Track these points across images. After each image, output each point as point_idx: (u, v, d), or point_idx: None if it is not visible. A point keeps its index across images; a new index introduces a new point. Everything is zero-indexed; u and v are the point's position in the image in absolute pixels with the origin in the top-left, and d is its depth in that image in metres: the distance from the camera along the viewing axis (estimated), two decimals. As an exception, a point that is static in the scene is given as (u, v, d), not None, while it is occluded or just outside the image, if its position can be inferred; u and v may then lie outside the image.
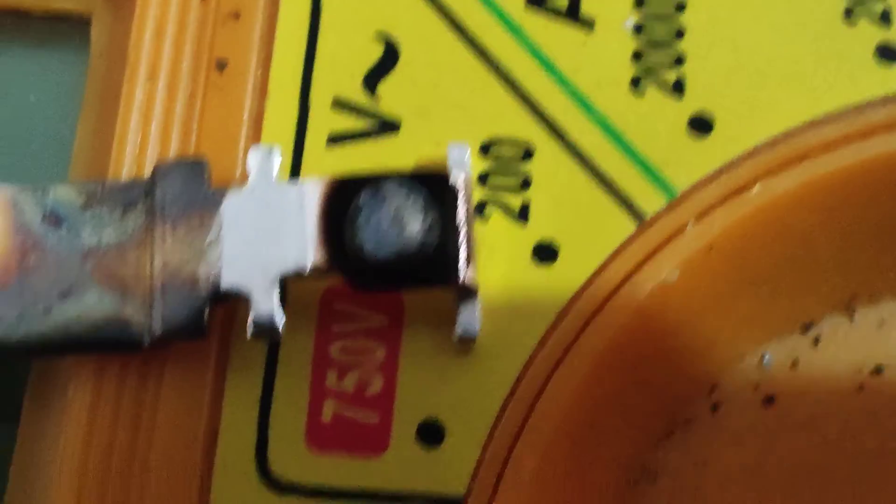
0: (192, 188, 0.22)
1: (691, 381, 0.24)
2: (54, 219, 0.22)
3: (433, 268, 0.21)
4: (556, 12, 0.24)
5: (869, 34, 0.24)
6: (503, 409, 0.22)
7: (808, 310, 0.24)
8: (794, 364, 0.24)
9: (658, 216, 0.23)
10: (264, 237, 0.21)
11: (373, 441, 0.22)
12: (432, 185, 0.22)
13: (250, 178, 0.22)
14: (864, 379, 0.24)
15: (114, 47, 0.25)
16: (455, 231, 0.21)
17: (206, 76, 0.24)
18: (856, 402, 0.24)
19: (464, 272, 0.21)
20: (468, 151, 0.23)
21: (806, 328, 0.24)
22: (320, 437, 0.22)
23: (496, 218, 0.23)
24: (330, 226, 0.21)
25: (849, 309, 0.24)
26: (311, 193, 0.22)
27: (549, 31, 0.24)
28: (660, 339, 0.23)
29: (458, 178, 0.22)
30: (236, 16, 0.24)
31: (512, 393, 0.22)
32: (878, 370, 0.24)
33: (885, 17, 0.24)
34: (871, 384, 0.24)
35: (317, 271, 0.21)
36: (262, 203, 0.22)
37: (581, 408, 0.22)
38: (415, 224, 0.21)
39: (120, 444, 0.22)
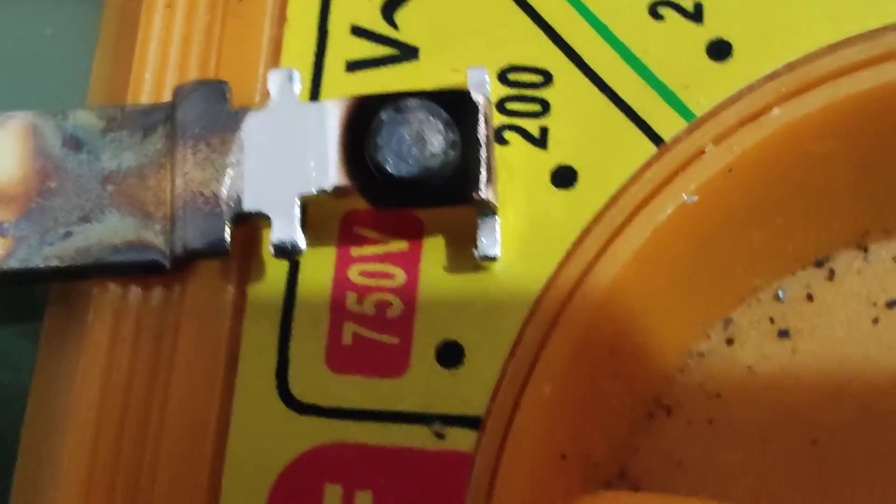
0: (214, 108, 0.22)
1: (706, 314, 0.24)
2: (74, 143, 0.22)
3: (454, 185, 0.21)
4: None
5: None
6: (522, 331, 0.22)
7: (822, 244, 0.25)
8: (809, 298, 0.24)
9: (677, 139, 0.23)
10: (285, 157, 0.22)
11: (393, 362, 0.22)
12: (453, 103, 0.22)
13: (271, 99, 0.22)
14: (879, 312, 0.24)
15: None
16: (476, 149, 0.21)
17: (225, 3, 0.24)
18: (871, 335, 0.24)
19: (484, 189, 0.21)
20: (487, 74, 0.23)
21: (820, 263, 0.25)
22: (340, 358, 0.22)
23: (515, 143, 0.23)
24: (351, 145, 0.21)
25: (862, 244, 0.25)
26: (332, 112, 0.22)
27: (568, -44, 0.24)
28: (677, 264, 0.23)
29: (479, 98, 0.22)
30: None
31: (531, 315, 0.22)
32: (893, 303, 0.24)
33: None
34: (886, 317, 0.24)
35: (338, 191, 0.21)
36: (283, 123, 0.22)
37: (599, 333, 0.23)
38: (436, 141, 0.21)
39: (141, 366, 0.22)
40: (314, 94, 0.23)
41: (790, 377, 0.24)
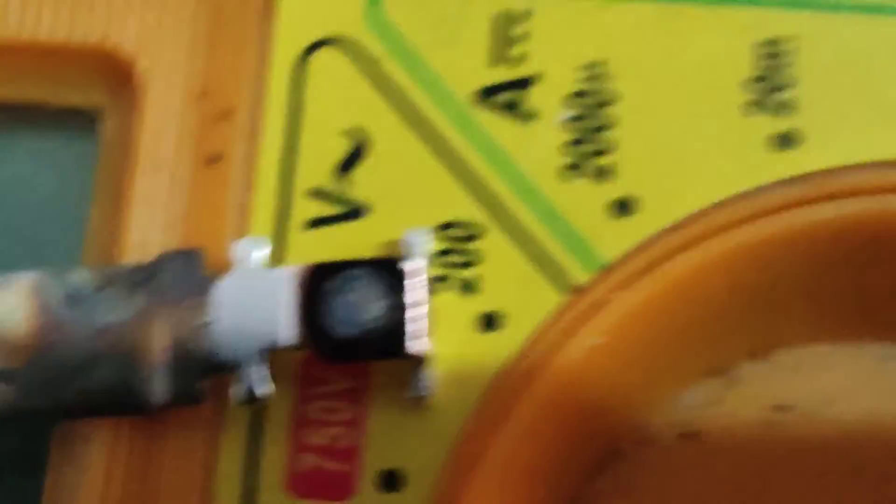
0: (189, 274, 0.26)
1: (620, 423, 0.28)
2: (73, 300, 0.27)
3: (389, 344, 0.25)
4: (501, 108, 0.28)
5: (765, 124, 0.28)
6: (454, 455, 0.26)
7: (722, 358, 0.28)
8: (711, 404, 0.28)
9: (588, 288, 0.27)
10: (250, 318, 0.26)
11: (342, 488, 0.26)
12: (391, 272, 0.26)
13: (238, 267, 0.26)
14: (772, 416, 0.28)
15: (121, 140, 0.29)
16: (410, 311, 0.26)
17: (202, 168, 0.28)
18: (765, 437, 0.28)
19: (415, 347, 0.25)
20: (425, 238, 0.27)
21: (721, 373, 0.29)
22: (299, 485, 0.26)
23: (449, 291, 0.27)
24: (305, 308, 0.26)
25: (758, 355, 0.28)
26: (288, 280, 0.26)
27: (495, 125, 0.28)
28: (591, 391, 0.27)
29: (413, 265, 0.26)
30: (228, 114, 0.29)
31: (461, 442, 0.26)
32: (783, 408, 0.28)
33: (778, 109, 0.28)
34: (777, 420, 0.28)
35: (294, 347, 0.26)
36: (247, 288, 0.26)
37: (525, 452, 0.27)
38: (375, 307, 0.25)
39: (129, 493, 0.26)
40: (277, 251, 0.28)
41: (699, 474, 0.28)
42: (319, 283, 0.25)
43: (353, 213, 0.28)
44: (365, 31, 0.29)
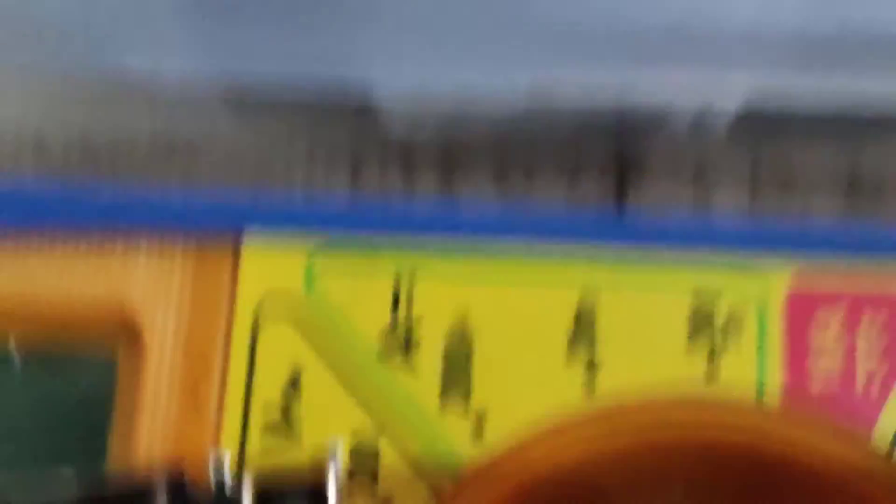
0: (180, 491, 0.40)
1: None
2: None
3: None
4: (397, 349, 0.42)
5: (580, 374, 0.41)
6: None
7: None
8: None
9: (447, 494, 0.41)
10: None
11: None
12: (314, 482, 0.40)
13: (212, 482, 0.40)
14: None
15: (131, 373, 0.43)
16: (330, 508, 0.39)
17: (188, 397, 0.42)
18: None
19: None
20: (339, 448, 0.40)
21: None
22: None
23: (358, 491, 0.41)
24: (257, 509, 0.39)
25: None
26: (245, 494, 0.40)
27: (391, 366, 0.42)
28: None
29: (330, 473, 0.40)
30: (204, 358, 0.42)
31: None
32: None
33: (589, 366, 0.41)
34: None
35: None
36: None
37: None
38: (301, 509, 0.39)
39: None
40: (240, 463, 0.41)
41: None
42: (266, 497, 0.39)
43: (291, 433, 0.41)
44: (302, 295, 0.42)
